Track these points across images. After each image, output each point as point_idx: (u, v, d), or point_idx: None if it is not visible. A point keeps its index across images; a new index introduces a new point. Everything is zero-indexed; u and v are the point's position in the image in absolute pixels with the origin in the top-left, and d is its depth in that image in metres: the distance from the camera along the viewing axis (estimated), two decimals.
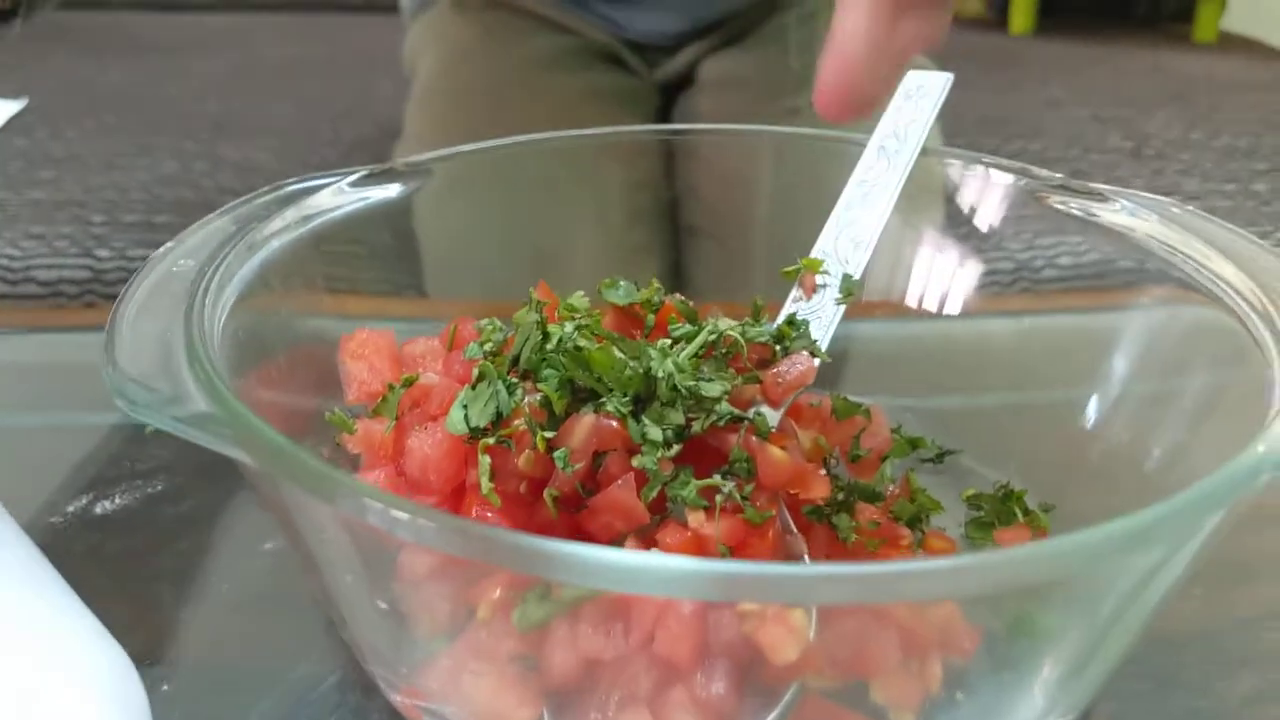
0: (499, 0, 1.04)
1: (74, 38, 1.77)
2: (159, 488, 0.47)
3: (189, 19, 2.00)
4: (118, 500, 0.46)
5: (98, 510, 0.46)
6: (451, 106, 1.02)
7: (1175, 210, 0.41)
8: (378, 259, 0.46)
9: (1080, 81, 1.66)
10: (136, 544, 0.44)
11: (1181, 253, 0.40)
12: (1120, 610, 0.32)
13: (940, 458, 0.45)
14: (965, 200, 0.47)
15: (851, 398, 0.45)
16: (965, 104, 0.41)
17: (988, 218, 0.47)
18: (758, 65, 1.00)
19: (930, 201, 0.50)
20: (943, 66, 0.47)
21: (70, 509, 0.45)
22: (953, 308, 0.49)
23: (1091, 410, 0.44)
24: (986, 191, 0.46)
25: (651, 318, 0.41)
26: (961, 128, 1.30)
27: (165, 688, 0.36)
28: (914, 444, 0.45)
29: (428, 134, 1.01)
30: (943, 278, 0.49)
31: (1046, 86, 1.60)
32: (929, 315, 0.49)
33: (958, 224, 0.48)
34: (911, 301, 0.49)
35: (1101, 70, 1.74)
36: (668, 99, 1.07)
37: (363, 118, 1.43)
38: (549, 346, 0.37)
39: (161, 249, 0.37)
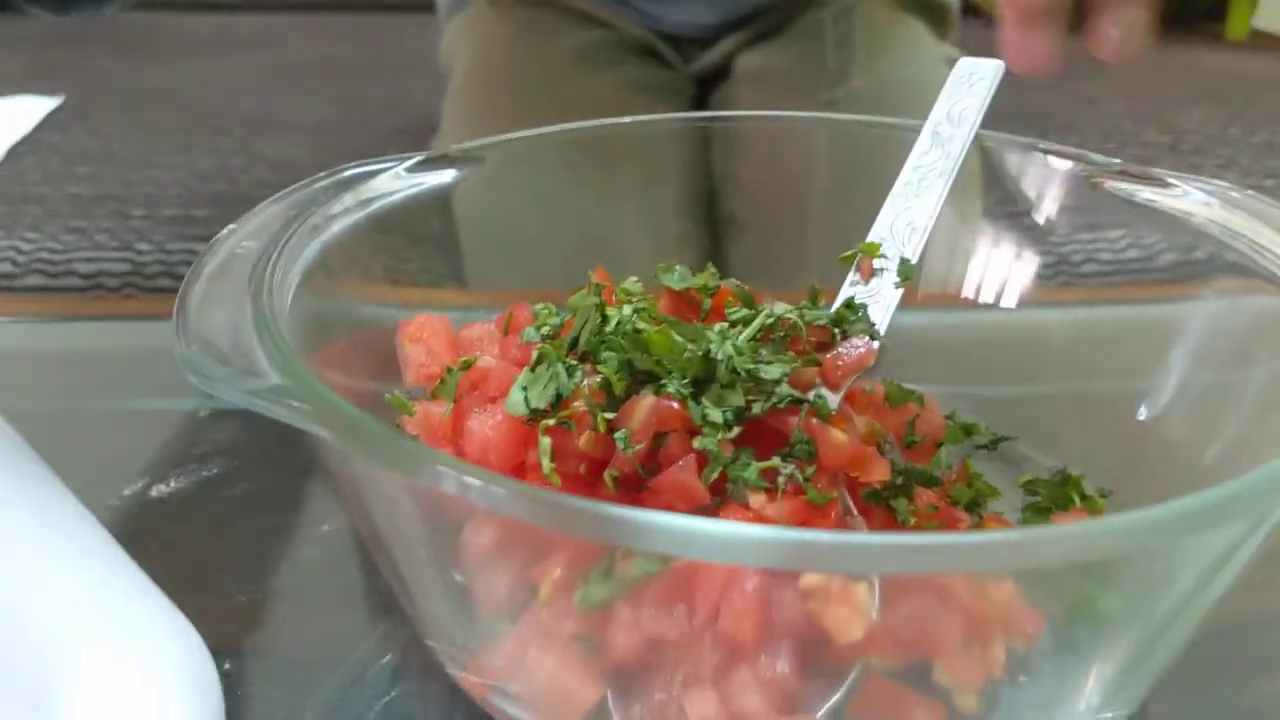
0: None
1: (106, 37, 1.79)
2: (215, 472, 0.47)
3: (221, 19, 2.01)
4: (174, 484, 0.46)
5: (154, 494, 0.46)
6: (487, 101, 1.02)
7: (1236, 195, 0.41)
8: (433, 243, 0.47)
9: (1113, 79, 1.65)
10: (193, 528, 0.45)
11: (1246, 237, 0.39)
12: (1181, 599, 0.31)
13: (995, 444, 0.45)
14: (1023, 186, 0.47)
15: (905, 385, 0.44)
16: (1000, 99, 0.41)
17: (1045, 204, 0.47)
18: (794, 59, 1.00)
19: (968, 188, 0.49)
20: None
21: (127, 493, 0.46)
22: (1008, 297, 0.48)
23: (1150, 400, 0.43)
24: (1045, 177, 0.46)
25: (708, 302, 0.41)
26: (998, 123, 1.29)
27: (227, 666, 0.37)
28: (968, 430, 0.45)
29: (463, 127, 1.02)
30: (998, 265, 0.49)
31: (1080, 83, 1.59)
32: (983, 304, 0.49)
33: (1013, 210, 0.48)
34: (966, 290, 0.49)
35: (1135, 67, 1.73)
36: (703, 91, 1.07)
37: (395, 115, 1.44)
38: (608, 329, 0.37)
39: (225, 230, 0.37)
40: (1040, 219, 0.47)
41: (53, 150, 1.28)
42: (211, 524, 0.45)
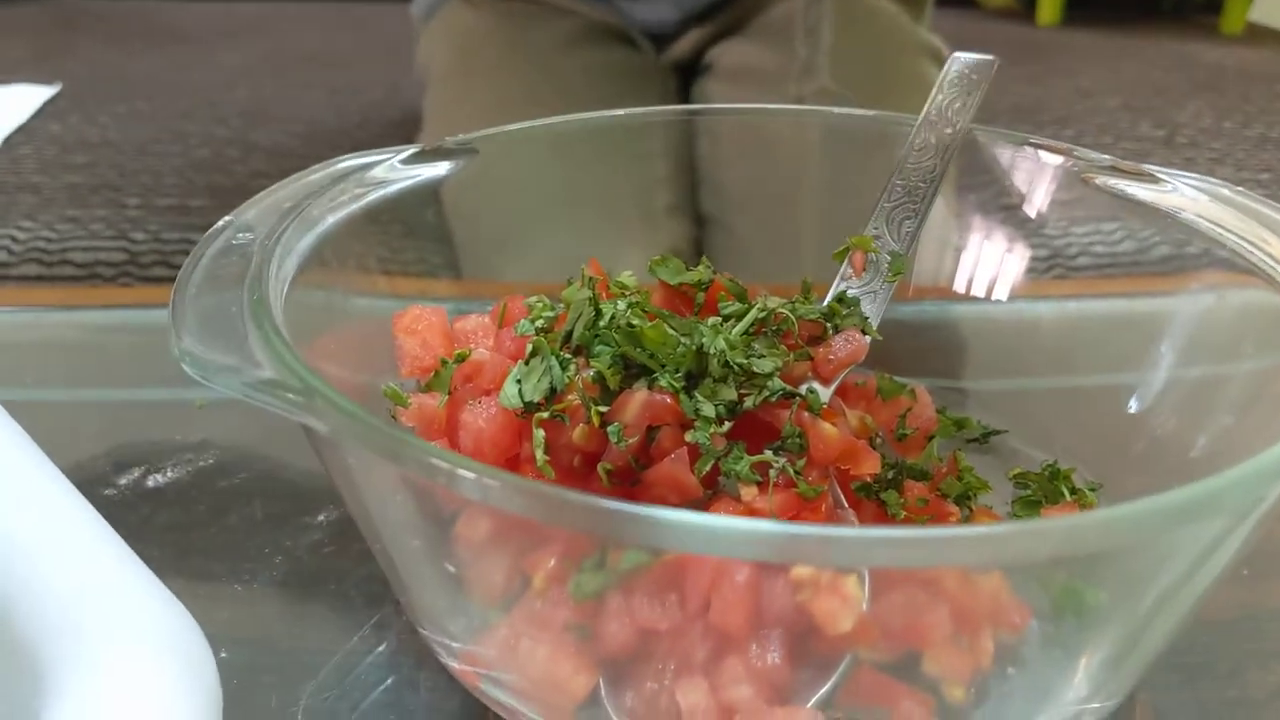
0: None
1: (104, 25, 1.79)
2: (210, 461, 0.47)
3: (218, 7, 2.01)
4: (170, 474, 0.47)
5: (150, 484, 0.46)
6: (468, 91, 1.03)
7: (1225, 191, 0.41)
8: (428, 235, 0.47)
9: (1109, 72, 1.65)
10: (190, 517, 0.45)
11: (1234, 234, 0.39)
12: (1168, 592, 0.32)
13: (986, 437, 0.45)
14: (1013, 182, 0.47)
15: (897, 379, 0.45)
16: (996, 93, 0.42)
17: (1035, 199, 0.47)
18: (767, 53, 1.00)
19: (961, 181, 0.49)
20: None
21: (123, 482, 0.46)
22: (999, 291, 0.49)
23: (1139, 394, 0.44)
24: (1036, 172, 0.46)
25: (701, 296, 0.41)
26: (993, 117, 1.30)
27: (223, 654, 0.37)
28: (959, 424, 0.45)
29: (445, 120, 1.02)
30: (988, 260, 0.49)
31: (1076, 77, 1.60)
32: (974, 299, 0.49)
33: (1004, 205, 0.48)
34: (957, 285, 0.49)
35: (1130, 61, 1.73)
36: (684, 81, 1.08)
37: (391, 105, 1.44)
38: (602, 323, 0.37)
39: (220, 222, 0.37)
40: (1032, 213, 0.47)
41: (50, 139, 1.28)
42: (208, 513, 0.45)
